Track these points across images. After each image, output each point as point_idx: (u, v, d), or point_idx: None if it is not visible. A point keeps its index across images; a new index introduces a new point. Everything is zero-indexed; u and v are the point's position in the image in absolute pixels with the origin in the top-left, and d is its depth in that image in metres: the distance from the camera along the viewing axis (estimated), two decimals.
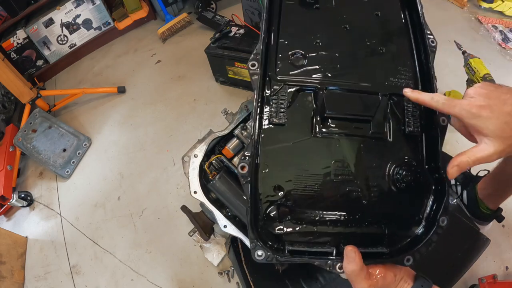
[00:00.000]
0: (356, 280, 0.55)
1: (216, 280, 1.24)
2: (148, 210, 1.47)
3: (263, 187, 0.62)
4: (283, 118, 0.65)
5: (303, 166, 0.63)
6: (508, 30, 1.92)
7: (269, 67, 0.68)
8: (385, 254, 0.60)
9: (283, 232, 0.61)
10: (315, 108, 0.66)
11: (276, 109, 0.65)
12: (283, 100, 0.66)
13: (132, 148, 1.71)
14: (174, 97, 1.88)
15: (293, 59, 0.69)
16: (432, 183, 0.63)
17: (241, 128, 0.91)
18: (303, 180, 0.63)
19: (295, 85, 0.67)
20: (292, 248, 0.59)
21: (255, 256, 0.57)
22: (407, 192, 0.63)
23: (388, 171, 0.64)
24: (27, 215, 1.58)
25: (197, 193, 0.87)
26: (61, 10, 2.03)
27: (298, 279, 1.02)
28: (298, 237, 0.61)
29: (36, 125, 1.71)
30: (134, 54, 2.21)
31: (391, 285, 0.57)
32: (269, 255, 0.57)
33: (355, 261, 0.54)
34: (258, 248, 0.57)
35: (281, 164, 0.63)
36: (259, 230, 0.60)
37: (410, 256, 0.58)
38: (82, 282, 1.34)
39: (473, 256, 0.99)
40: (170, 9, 2.29)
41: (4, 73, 1.60)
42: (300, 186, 0.62)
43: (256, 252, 0.57)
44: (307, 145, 0.65)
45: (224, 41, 1.65)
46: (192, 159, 0.88)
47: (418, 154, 0.65)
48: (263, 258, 0.57)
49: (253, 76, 0.64)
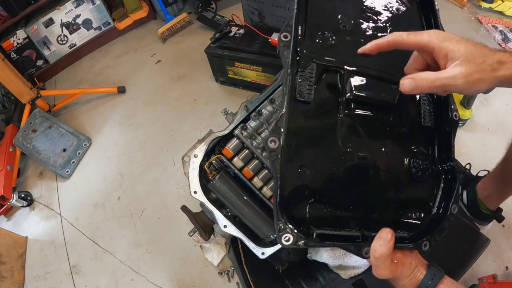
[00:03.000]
0: (381, 266, 0.54)
1: (216, 280, 1.24)
2: (148, 210, 1.47)
3: (289, 166, 0.60)
4: (310, 95, 0.63)
5: (326, 147, 0.63)
6: (508, 30, 1.92)
7: (298, 42, 0.66)
8: (406, 239, 0.60)
9: (307, 216, 0.59)
10: (340, 90, 0.66)
11: (303, 86, 0.63)
12: (310, 77, 0.64)
13: (132, 148, 1.71)
14: (174, 97, 1.88)
15: (321, 38, 0.68)
16: (444, 173, 0.65)
17: (241, 128, 0.90)
18: (326, 162, 0.62)
19: (323, 64, 0.66)
20: (320, 232, 0.57)
21: (281, 241, 0.54)
22: (421, 181, 0.65)
23: (406, 159, 0.65)
24: (27, 215, 1.58)
25: (197, 193, 0.87)
26: (61, 10, 2.03)
27: (298, 279, 1.02)
28: (323, 221, 0.60)
29: (36, 125, 1.71)
30: (134, 54, 2.21)
31: (407, 272, 0.57)
32: (297, 239, 0.54)
33: (389, 244, 0.53)
34: (286, 231, 0.54)
35: (304, 143, 0.62)
36: (286, 211, 0.57)
37: (427, 242, 0.59)
38: (82, 282, 1.34)
39: (473, 256, 0.99)
40: (170, 9, 2.29)
41: (4, 73, 1.60)
42: (324, 167, 0.62)
43: (284, 237, 0.54)
44: (331, 126, 0.64)
45: (224, 41, 1.65)
46: (192, 159, 0.88)
47: (432, 145, 0.67)
48: (290, 243, 0.54)
49: (284, 48, 0.62)
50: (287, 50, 0.62)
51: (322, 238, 0.57)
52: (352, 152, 0.63)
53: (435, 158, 0.67)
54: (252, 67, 1.62)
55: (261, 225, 0.91)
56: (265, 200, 0.92)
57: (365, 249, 0.56)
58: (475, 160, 1.29)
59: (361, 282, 0.96)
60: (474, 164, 1.27)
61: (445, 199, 0.64)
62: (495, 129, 1.45)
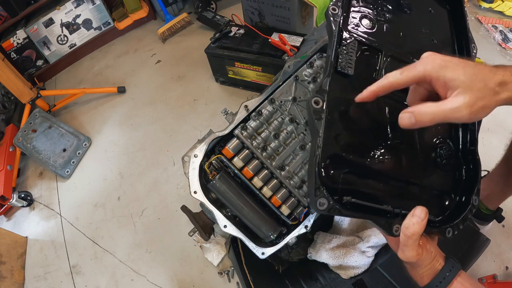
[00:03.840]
0: (410, 246, 0.53)
1: (216, 280, 1.24)
2: (148, 210, 1.47)
3: (328, 132, 0.59)
4: (350, 69, 0.65)
5: (362, 121, 0.65)
6: (508, 30, 1.92)
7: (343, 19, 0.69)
8: (432, 222, 0.61)
9: (340, 186, 0.59)
10: (377, 70, 0.69)
11: (343, 60, 0.66)
12: (351, 52, 0.66)
13: (132, 148, 1.71)
14: (174, 97, 1.88)
15: (364, 18, 0.72)
16: (467, 164, 0.68)
17: (241, 128, 0.91)
18: (360, 135, 0.64)
19: (364, 42, 0.69)
20: (354, 201, 0.57)
21: (316, 205, 0.54)
22: (446, 169, 0.68)
23: (434, 147, 0.68)
24: (27, 215, 1.58)
25: (197, 193, 0.87)
26: (61, 10, 2.03)
27: (298, 279, 1.02)
28: (355, 193, 0.60)
29: (36, 125, 1.71)
30: (134, 54, 2.21)
31: (428, 259, 0.56)
32: (331, 205, 0.54)
33: (423, 223, 0.52)
34: (322, 195, 0.54)
35: (342, 114, 0.63)
36: (321, 176, 0.57)
37: (450, 229, 0.60)
38: (82, 282, 1.34)
39: (473, 256, 0.99)
40: (170, 9, 2.29)
41: (4, 73, 1.60)
42: (358, 140, 0.63)
43: (319, 201, 0.54)
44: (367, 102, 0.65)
45: (224, 41, 1.65)
46: (192, 159, 0.88)
47: (457, 137, 0.70)
48: (325, 208, 0.54)
49: (332, 20, 0.65)
50: (335, 23, 0.65)
51: (354, 209, 0.57)
52: (386, 130, 0.65)
53: (459, 149, 0.69)
54: (252, 67, 1.62)
55: (261, 225, 0.91)
56: (265, 200, 0.92)
57: (396, 226, 0.55)
58: None
59: (361, 282, 0.96)
60: None
61: (467, 190, 0.66)
62: (495, 129, 1.45)
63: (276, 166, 0.92)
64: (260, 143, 0.91)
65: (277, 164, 0.93)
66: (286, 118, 0.95)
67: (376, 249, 0.99)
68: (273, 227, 0.92)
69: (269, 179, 0.92)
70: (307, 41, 1.18)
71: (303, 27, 1.71)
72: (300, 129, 0.97)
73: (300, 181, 0.96)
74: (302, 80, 0.99)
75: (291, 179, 0.94)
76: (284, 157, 0.94)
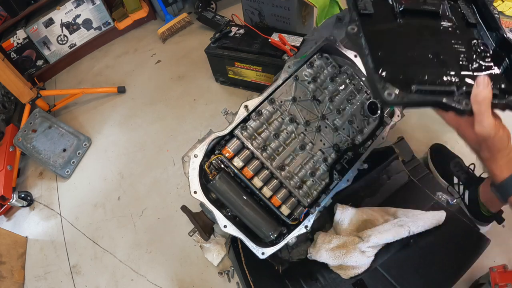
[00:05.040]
0: (486, 112, 0.53)
1: (216, 280, 1.24)
2: (148, 210, 1.47)
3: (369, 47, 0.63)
4: (371, 8, 0.69)
5: (396, 39, 0.68)
6: (508, 30, 1.92)
7: None
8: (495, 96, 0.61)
9: (401, 77, 0.60)
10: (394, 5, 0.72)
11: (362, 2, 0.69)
12: None
13: (132, 148, 1.71)
14: (174, 97, 1.88)
15: None
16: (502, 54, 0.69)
17: (241, 128, 0.91)
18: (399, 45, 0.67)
19: None
20: (419, 88, 0.57)
21: (384, 96, 0.55)
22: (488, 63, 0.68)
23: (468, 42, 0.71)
24: (27, 215, 1.58)
25: (197, 193, 0.87)
26: (61, 10, 2.03)
27: (298, 279, 1.02)
28: (417, 81, 0.61)
29: (36, 125, 1.71)
30: (134, 54, 2.21)
31: (505, 142, 0.57)
32: (399, 93, 0.54)
33: (489, 87, 0.52)
34: (387, 87, 0.55)
35: (381, 40, 0.66)
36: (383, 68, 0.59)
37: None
38: (82, 282, 1.34)
39: (473, 256, 0.99)
40: (170, 9, 2.29)
41: (4, 73, 1.60)
42: (400, 48, 0.66)
43: (387, 92, 0.55)
44: (393, 31, 0.69)
45: (224, 41, 1.65)
46: (192, 159, 0.88)
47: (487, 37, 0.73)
48: (393, 98, 0.54)
49: None
50: None
51: (421, 94, 0.58)
52: (420, 45, 0.67)
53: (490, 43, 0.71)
54: (252, 67, 1.62)
55: (261, 225, 0.91)
56: (265, 200, 0.92)
57: (465, 101, 0.56)
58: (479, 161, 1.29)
59: (361, 282, 0.96)
60: (478, 165, 1.27)
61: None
62: None
63: (276, 166, 0.92)
64: (260, 143, 0.91)
65: (277, 164, 0.93)
66: (286, 118, 0.95)
67: (376, 249, 0.99)
68: (273, 227, 0.92)
69: (269, 179, 0.92)
70: (307, 41, 1.18)
71: (303, 27, 1.71)
72: (300, 129, 0.97)
73: (300, 181, 0.96)
74: (302, 80, 0.99)
75: (291, 179, 0.94)
76: (284, 157, 0.94)
